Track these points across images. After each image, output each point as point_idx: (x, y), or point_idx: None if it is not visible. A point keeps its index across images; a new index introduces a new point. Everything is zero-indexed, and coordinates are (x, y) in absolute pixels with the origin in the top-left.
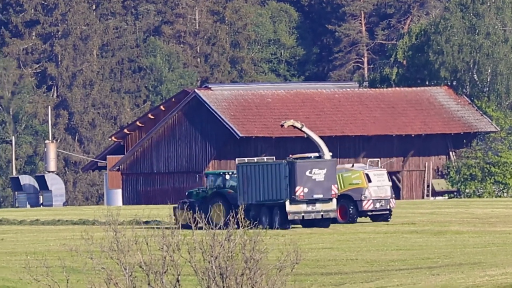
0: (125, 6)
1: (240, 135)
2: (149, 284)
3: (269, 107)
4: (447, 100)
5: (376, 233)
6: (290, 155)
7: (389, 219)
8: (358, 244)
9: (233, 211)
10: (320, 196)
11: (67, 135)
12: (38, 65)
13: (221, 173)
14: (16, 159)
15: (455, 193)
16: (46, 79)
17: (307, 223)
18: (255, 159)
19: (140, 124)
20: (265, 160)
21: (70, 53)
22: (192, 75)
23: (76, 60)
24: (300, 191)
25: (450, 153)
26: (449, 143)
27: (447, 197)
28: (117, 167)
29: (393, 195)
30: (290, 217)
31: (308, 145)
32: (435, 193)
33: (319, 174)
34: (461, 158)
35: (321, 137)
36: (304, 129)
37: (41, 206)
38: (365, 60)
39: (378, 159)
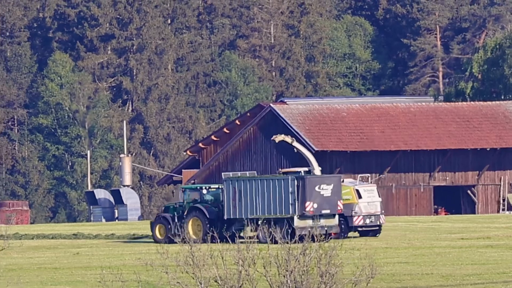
0: (200, 20)
1: (315, 149)
2: None
3: (344, 121)
4: None
5: (451, 247)
6: (280, 169)
7: (378, 235)
8: (434, 258)
9: (210, 225)
10: (328, 211)
11: (142, 149)
12: (113, 79)
13: (198, 187)
14: (92, 173)
15: None
16: (121, 93)
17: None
18: (239, 173)
19: (215, 138)
20: (248, 175)
21: (145, 67)
22: (267, 89)
23: (151, 74)
24: (310, 206)
25: None
26: None
27: None
28: (192, 181)
29: (383, 211)
30: (298, 232)
31: (383, 159)
32: (511, 207)
33: (326, 190)
34: None
35: (396, 152)
36: (295, 143)
37: (116, 220)
38: (440, 74)
39: (368, 174)
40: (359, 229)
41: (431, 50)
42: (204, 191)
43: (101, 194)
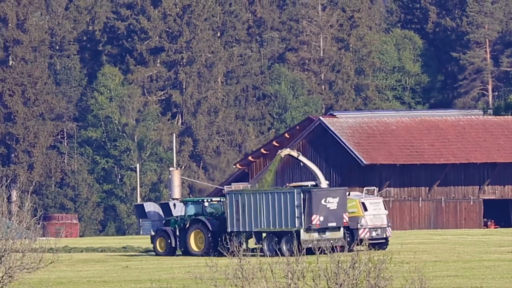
0: (250, 34)
1: (365, 162)
2: None
3: (393, 134)
4: None
5: (501, 260)
6: (287, 184)
7: (385, 248)
8: (483, 272)
9: (212, 238)
10: (334, 224)
11: (191, 163)
12: (162, 92)
13: (200, 200)
14: (141, 186)
15: None
16: (170, 107)
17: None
18: (241, 186)
19: (264, 152)
20: (241, 188)
21: (195, 81)
22: (317, 102)
23: (200, 87)
24: (316, 219)
25: None
26: None
27: None
28: None
29: (390, 224)
30: (304, 245)
31: (433, 173)
32: None
33: (332, 203)
34: None
35: (445, 165)
36: (301, 157)
37: None
38: (490, 87)
39: (375, 187)
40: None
41: (480, 64)
42: (206, 204)
43: (151, 207)
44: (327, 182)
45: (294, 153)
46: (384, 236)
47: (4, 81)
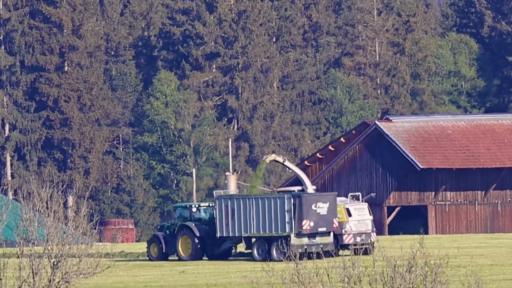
0: (306, 39)
1: (421, 166)
2: None
3: (449, 138)
4: None
5: None
6: (275, 189)
7: (370, 253)
8: None
9: (200, 243)
10: (324, 229)
11: (247, 167)
12: (218, 97)
13: (188, 205)
14: (197, 191)
15: None
16: (226, 112)
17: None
18: (230, 192)
19: (320, 156)
20: (230, 193)
21: (251, 86)
22: (373, 107)
23: (256, 92)
24: (306, 224)
25: None
26: None
27: None
28: None
29: (374, 229)
30: (294, 250)
31: (489, 176)
32: None
33: (322, 208)
34: None
35: (501, 169)
36: (286, 163)
37: None
38: None
39: (359, 193)
40: (350, 247)
41: None
42: (194, 209)
43: None
44: (314, 187)
45: (280, 159)
46: (369, 241)
47: (60, 86)
